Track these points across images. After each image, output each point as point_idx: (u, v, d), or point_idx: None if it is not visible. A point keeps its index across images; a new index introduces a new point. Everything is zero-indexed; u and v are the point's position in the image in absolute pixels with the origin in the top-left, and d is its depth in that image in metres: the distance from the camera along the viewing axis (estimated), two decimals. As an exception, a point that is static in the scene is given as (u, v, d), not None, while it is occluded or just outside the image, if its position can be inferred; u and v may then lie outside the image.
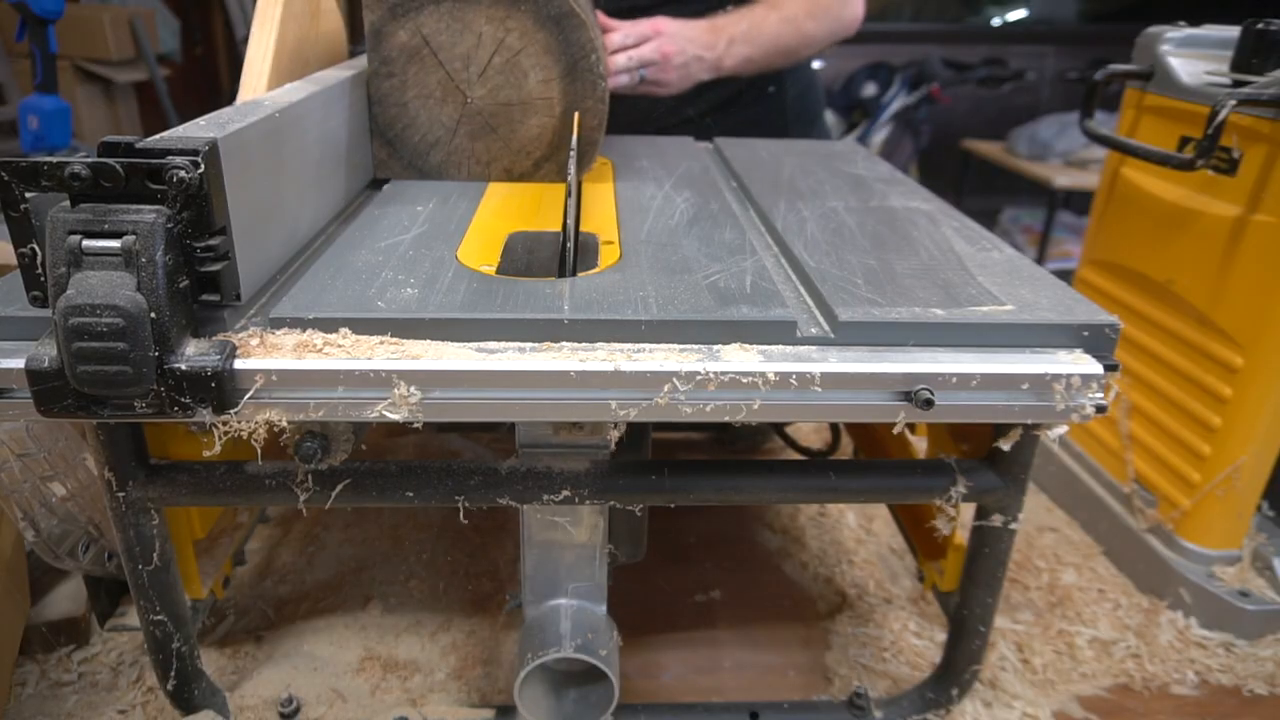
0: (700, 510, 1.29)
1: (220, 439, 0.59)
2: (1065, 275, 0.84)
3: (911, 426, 0.91)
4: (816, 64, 3.44)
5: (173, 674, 0.80)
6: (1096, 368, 0.62)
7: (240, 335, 0.58)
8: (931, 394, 0.60)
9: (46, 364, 0.52)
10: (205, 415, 0.56)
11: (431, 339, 0.60)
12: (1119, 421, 1.22)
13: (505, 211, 0.86)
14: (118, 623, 1.01)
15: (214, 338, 0.57)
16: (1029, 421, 0.66)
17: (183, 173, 0.51)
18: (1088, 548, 1.25)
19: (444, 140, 0.91)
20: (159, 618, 0.76)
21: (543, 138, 0.92)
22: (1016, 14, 3.68)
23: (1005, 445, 0.71)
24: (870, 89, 3.14)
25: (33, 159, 0.51)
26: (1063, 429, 0.66)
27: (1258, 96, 0.95)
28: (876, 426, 1.08)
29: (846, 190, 0.97)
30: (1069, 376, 0.61)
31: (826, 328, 0.64)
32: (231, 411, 0.56)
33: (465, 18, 0.86)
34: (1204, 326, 1.07)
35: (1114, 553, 1.22)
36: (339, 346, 0.58)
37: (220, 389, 0.55)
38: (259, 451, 0.62)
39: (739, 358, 0.60)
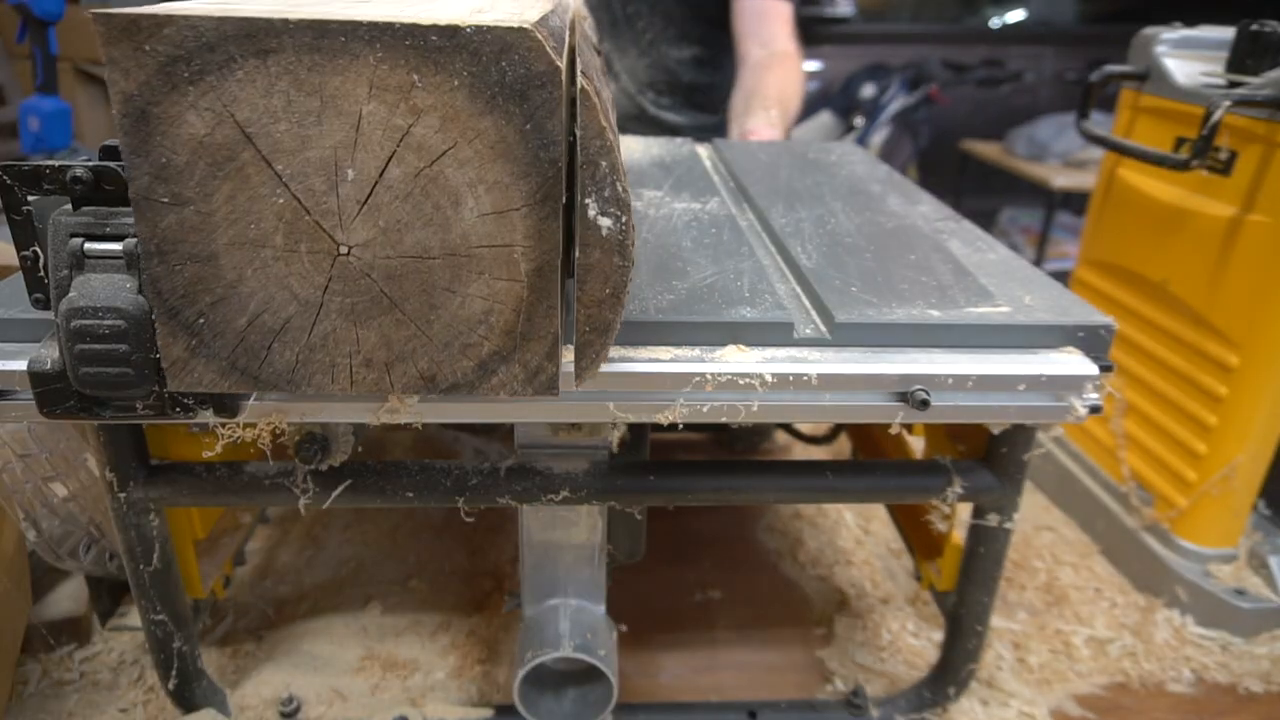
0: (699, 510, 1.29)
1: (222, 440, 0.59)
2: (1063, 276, 0.84)
3: (909, 427, 0.92)
4: (815, 65, 3.42)
5: (173, 673, 0.80)
6: (1092, 368, 0.62)
7: (241, 337, 0.59)
8: (928, 395, 0.60)
9: (49, 366, 0.53)
10: (206, 416, 0.56)
11: (431, 340, 0.60)
12: (1113, 420, 1.23)
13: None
14: (119, 622, 1.02)
15: (215, 339, 0.58)
16: (1025, 422, 0.67)
17: (184, 176, 0.52)
18: (1085, 547, 1.25)
19: (297, 325, 0.49)
20: (160, 617, 0.76)
21: (495, 319, 0.50)
22: (1015, 15, 3.69)
23: (995, 429, 0.72)
24: (869, 90, 3.15)
25: (35, 162, 0.51)
26: (1058, 432, 0.67)
27: (1252, 97, 0.95)
28: (874, 427, 1.09)
29: (844, 192, 0.97)
30: (1064, 377, 0.62)
31: (824, 329, 0.64)
32: (237, 419, 0.57)
33: (327, 87, 0.44)
34: (1200, 326, 1.07)
35: (1111, 552, 1.23)
36: (339, 348, 0.59)
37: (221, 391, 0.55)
38: (268, 453, 0.62)
39: (737, 359, 0.60)
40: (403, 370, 0.51)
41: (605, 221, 0.49)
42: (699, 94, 1.54)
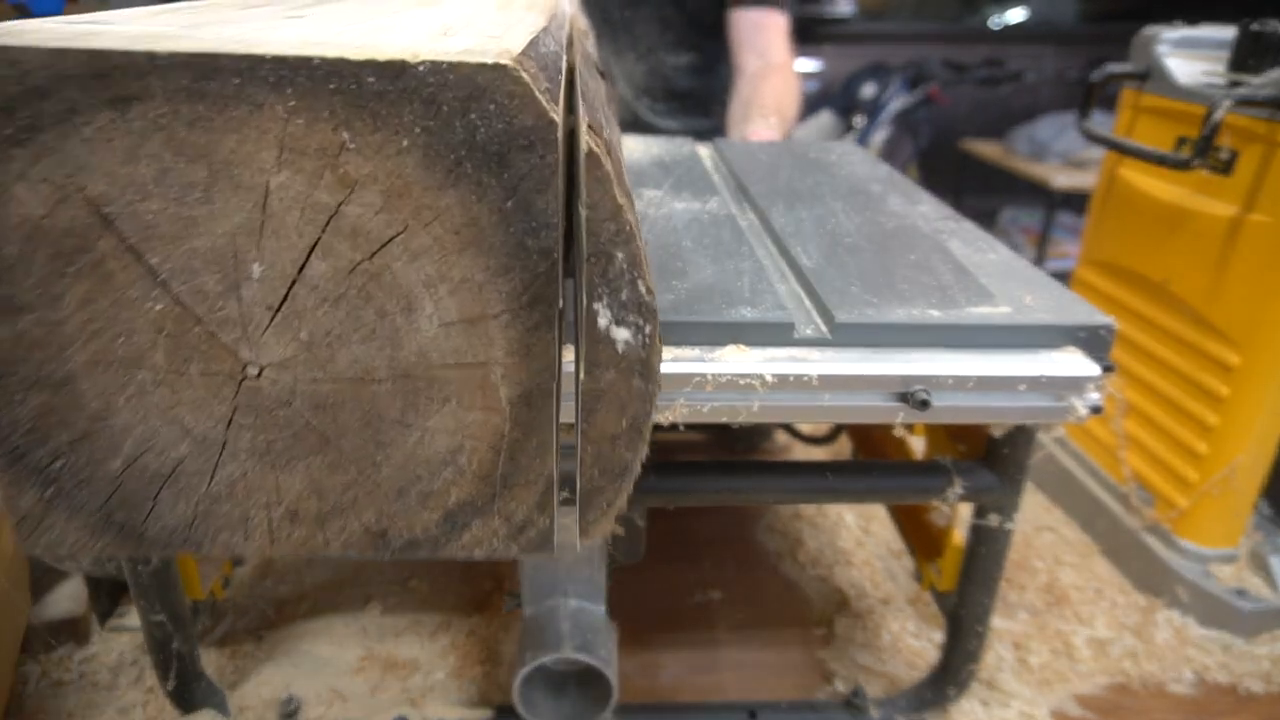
0: (700, 510, 1.29)
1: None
2: (1064, 276, 0.84)
3: (910, 427, 0.92)
4: (815, 65, 3.41)
5: (173, 674, 0.80)
6: (1092, 369, 0.62)
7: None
8: (928, 395, 0.60)
9: (47, 366, 0.52)
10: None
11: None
12: (1114, 420, 1.23)
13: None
14: (118, 623, 1.01)
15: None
16: (1026, 422, 0.67)
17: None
18: (1085, 547, 1.25)
19: (193, 469, 0.38)
20: (159, 618, 0.76)
21: (466, 460, 0.38)
22: (1015, 15, 3.69)
23: (996, 431, 0.72)
24: (870, 89, 3.15)
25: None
26: (1059, 432, 0.67)
27: (1253, 97, 0.95)
28: (875, 427, 1.09)
29: (845, 192, 0.97)
30: (1065, 378, 0.62)
31: (824, 329, 0.64)
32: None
33: (217, 150, 0.32)
34: (1201, 326, 1.07)
35: (1112, 552, 1.23)
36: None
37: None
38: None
39: (737, 359, 0.60)
40: (341, 524, 0.38)
41: (622, 334, 0.37)
42: (693, 100, 1.55)
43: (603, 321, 0.37)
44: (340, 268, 0.34)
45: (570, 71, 0.45)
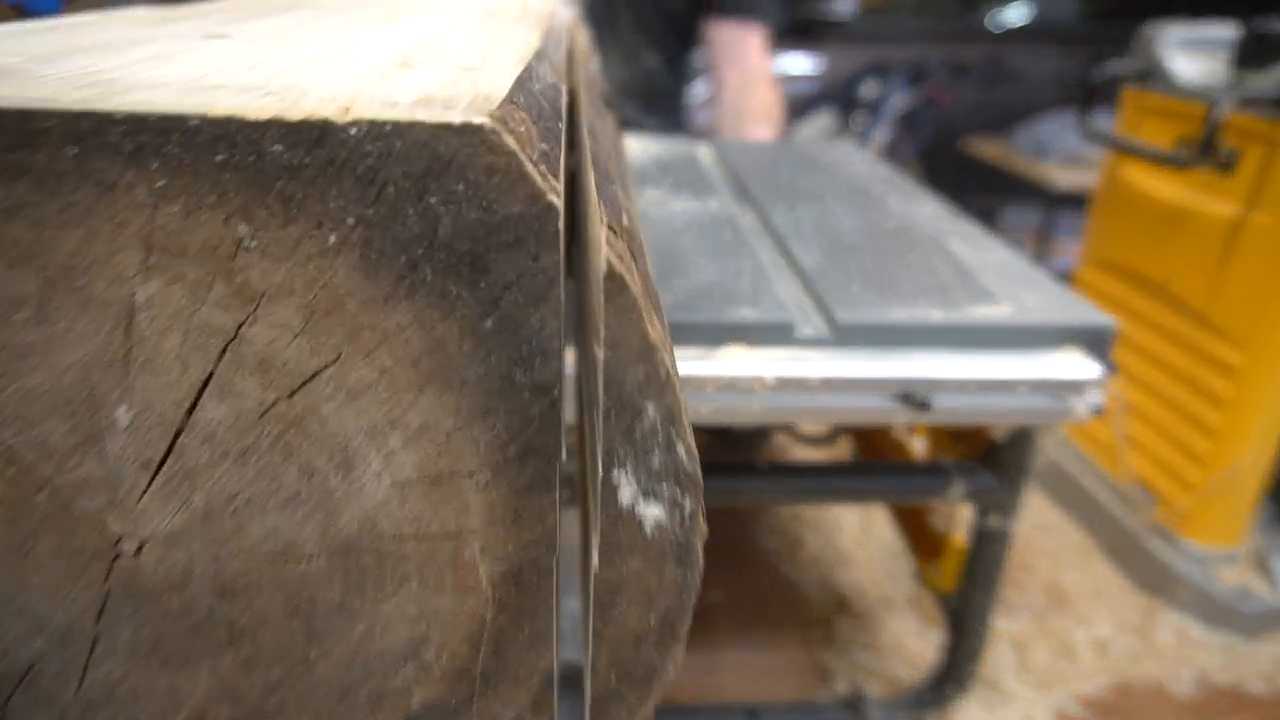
0: (699, 510, 1.29)
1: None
2: (1065, 275, 0.84)
3: (911, 428, 0.91)
4: (815, 64, 3.41)
5: (172, 675, 0.80)
6: (1094, 369, 0.62)
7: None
8: (929, 396, 0.60)
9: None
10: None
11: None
12: (1116, 420, 1.23)
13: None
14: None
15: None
16: (1027, 423, 0.67)
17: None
18: (1086, 547, 1.25)
19: (54, 671, 0.28)
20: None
21: (433, 655, 0.29)
22: (1016, 14, 3.69)
23: (998, 434, 0.72)
24: (870, 89, 3.15)
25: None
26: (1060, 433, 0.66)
27: (1256, 96, 0.95)
28: (875, 429, 1.09)
29: (845, 192, 0.97)
30: (1066, 379, 0.62)
31: (825, 329, 0.64)
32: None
33: (53, 250, 0.22)
34: (1202, 325, 1.07)
35: (1112, 552, 1.22)
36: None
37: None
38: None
39: (737, 360, 0.60)
40: None
41: (652, 511, 0.29)
42: (667, 101, 1.56)
43: (626, 495, 0.28)
44: (246, 411, 0.25)
45: (570, 101, 0.35)
